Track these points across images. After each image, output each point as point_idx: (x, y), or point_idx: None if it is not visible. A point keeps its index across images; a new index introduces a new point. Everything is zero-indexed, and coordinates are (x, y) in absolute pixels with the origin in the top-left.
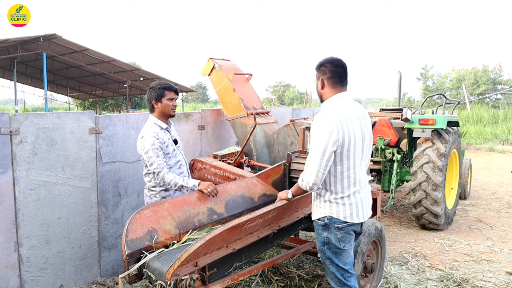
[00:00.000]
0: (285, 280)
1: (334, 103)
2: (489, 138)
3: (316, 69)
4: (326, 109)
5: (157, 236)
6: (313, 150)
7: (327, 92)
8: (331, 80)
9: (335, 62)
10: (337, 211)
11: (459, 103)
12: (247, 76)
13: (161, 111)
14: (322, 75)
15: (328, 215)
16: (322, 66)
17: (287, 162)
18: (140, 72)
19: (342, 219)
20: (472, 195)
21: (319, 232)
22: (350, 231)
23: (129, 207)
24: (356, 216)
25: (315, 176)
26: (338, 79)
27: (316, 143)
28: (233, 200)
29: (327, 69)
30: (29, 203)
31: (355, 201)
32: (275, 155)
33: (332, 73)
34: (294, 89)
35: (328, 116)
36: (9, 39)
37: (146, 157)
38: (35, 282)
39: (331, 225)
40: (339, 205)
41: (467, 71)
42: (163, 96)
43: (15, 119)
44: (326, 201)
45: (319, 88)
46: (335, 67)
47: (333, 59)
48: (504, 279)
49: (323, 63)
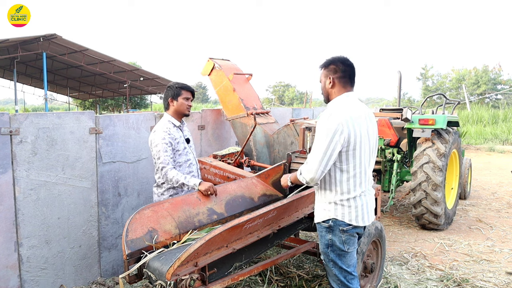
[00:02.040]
0: (285, 280)
1: (342, 102)
2: (489, 138)
3: (324, 67)
4: (333, 108)
5: (157, 236)
6: (316, 147)
7: (336, 91)
8: (343, 79)
9: (347, 61)
10: (343, 213)
11: (459, 103)
12: (247, 76)
13: (176, 109)
14: (333, 74)
15: (333, 218)
16: (332, 64)
17: (287, 162)
18: (140, 72)
19: (347, 222)
20: (472, 195)
21: (323, 234)
22: (354, 233)
23: (129, 207)
24: (362, 219)
25: (314, 172)
26: (348, 79)
27: (321, 140)
28: (233, 200)
29: (338, 67)
30: (29, 203)
31: (360, 204)
32: (275, 155)
33: (344, 72)
34: (294, 89)
35: (335, 114)
36: (9, 39)
37: (155, 150)
38: (35, 282)
39: (336, 228)
40: (345, 207)
41: (467, 71)
42: (179, 95)
43: (15, 119)
44: (331, 202)
45: (328, 86)
46: (347, 66)
47: (344, 58)
48: (504, 279)
49: (334, 61)
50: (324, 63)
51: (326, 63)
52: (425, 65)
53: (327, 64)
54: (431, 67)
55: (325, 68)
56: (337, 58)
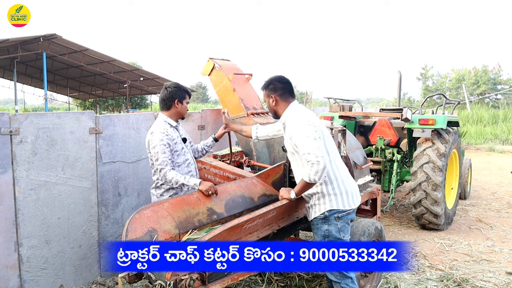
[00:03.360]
0: (285, 280)
1: (294, 109)
2: (489, 138)
3: (264, 88)
4: (292, 116)
5: (156, 236)
6: (306, 145)
7: (282, 106)
8: (284, 95)
9: (283, 79)
10: (337, 201)
11: (459, 103)
12: (247, 76)
13: (178, 111)
14: (273, 92)
15: (329, 209)
16: (270, 84)
17: (287, 162)
18: (140, 72)
19: (342, 208)
20: (472, 195)
21: (318, 226)
22: (348, 220)
23: (129, 207)
24: (353, 202)
25: (321, 164)
26: (288, 93)
27: (303, 136)
28: (233, 200)
29: (276, 86)
30: (29, 203)
31: (346, 188)
32: (275, 155)
33: (282, 89)
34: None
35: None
36: (9, 39)
37: (153, 152)
38: (35, 282)
39: (331, 216)
40: (337, 196)
41: (467, 71)
42: (184, 98)
43: (15, 119)
44: (326, 194)
45: (272, 104)
46: (284, 84)
47: (280, 77)
48: (504, 279)
49: (271, 81)
50: (263, 85)
51: (265, 85)
52: (425, 65)
53: (266, 86)
54: (431, 67)
55: (265, 89)
56: (273, 78)
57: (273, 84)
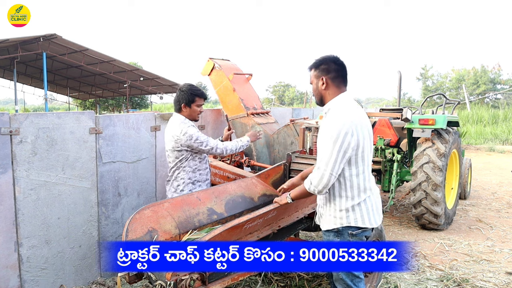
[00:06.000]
0: (285, 280)
1: (342, 103)
2: (489, 138)
3: (314, 67)
4: (336, 109)
5: (157, 236)
6: (326, 152)
7: (331, 92)
8: (336, 79)
9: (338, 60)
10: (355, 218)
11: (459, 103)
12: (247, 76)
13: (188, 114)
14: (325, 74)
15: (345, 225)
16: (323, 64)
17: (287, 162)
18: (140, 72)
19: (359, 226)
20: (472, 195)
21: (330, 238)
22: (363, 237)
23: (129, 207)
24: (373, 221)
25: (327, 179)
26: (342, 79)
27: (330, 144)
28: (233, 200)
29: (330, 67)
30: (29, 203)
31: (370, 205)
32: (275, 155)
33: (336, 72)
34: (294, 89)
35: (342, 116)
36: (9, 39)
37: (196, 143)
38: (35, 282)
39: (345, 232)
40: (356, 212)
41: (467, 71)
42: (193, 102)
43: (15, 119)
44: (343, 210)
45: (321, 88)
46: (338, 66)
47: (336, 58)
48: (504, 279)
49: (324, 60)
50: (313, 63)
51: (316, 64)
52: (425, 65)
53: (318, 65)
54: (431, 67)
55: (315, 69)
56: (327, 57)
57: (326, 64)
